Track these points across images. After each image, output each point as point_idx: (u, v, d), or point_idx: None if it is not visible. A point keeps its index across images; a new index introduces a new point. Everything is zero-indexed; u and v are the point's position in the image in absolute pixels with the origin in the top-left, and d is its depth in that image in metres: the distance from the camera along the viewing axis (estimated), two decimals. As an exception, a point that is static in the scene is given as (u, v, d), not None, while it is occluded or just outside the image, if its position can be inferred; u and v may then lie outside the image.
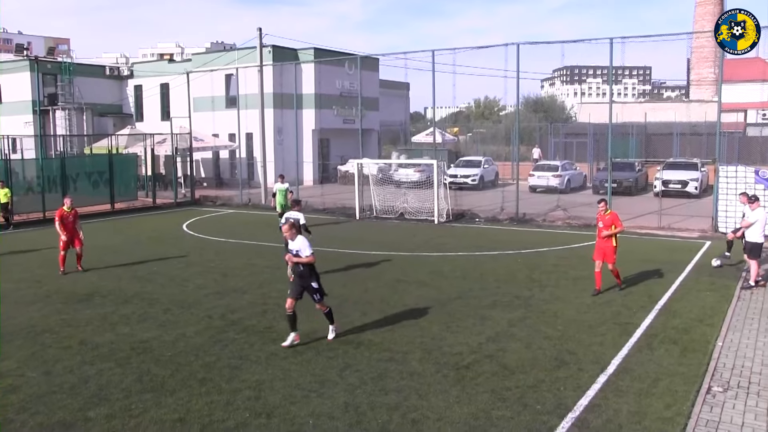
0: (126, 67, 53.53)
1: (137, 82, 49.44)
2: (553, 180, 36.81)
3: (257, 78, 35.16)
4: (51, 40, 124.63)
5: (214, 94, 43.66)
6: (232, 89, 42.24)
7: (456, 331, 12.04)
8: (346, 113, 45.14)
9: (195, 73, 39.95)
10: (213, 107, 43.52)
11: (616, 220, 14.55)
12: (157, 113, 47.43)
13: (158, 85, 47.09)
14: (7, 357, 10.97)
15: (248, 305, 14.10)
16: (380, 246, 21.20)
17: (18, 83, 46.93)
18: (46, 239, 24.07)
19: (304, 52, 43.45)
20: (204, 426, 8.25)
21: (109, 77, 50.24)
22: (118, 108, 49.77)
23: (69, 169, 31.37)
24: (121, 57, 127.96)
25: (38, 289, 15.95)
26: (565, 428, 8.13)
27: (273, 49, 40.83)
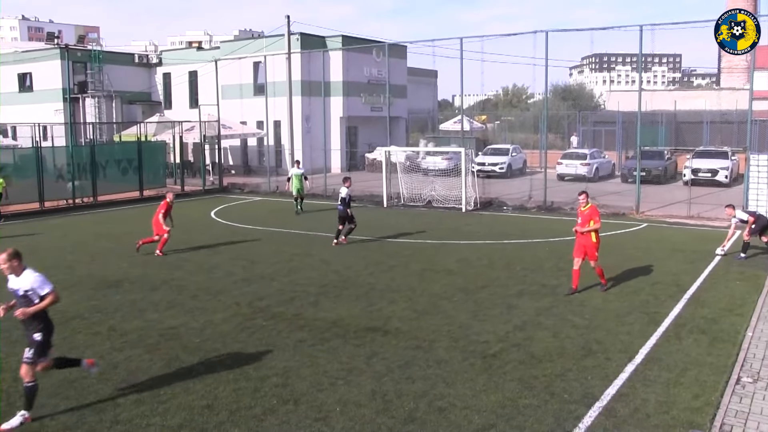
0: (155, 55, 53.90)
1: (166, 69, 49.78)
2: (582, 168, 36.48)
3: (285, 65, 35.26)
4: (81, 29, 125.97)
5: (243, 81, 43.82)
6: (260, 77, 42.39)
7: (483, 320, 12.00)
8: (373, 101, 45.07)
9: (223, 61, 40.11)
10: (241, 95, 43.68)
11: (595, 215, 13.56)
12: (186, 101, 47.75)
13: (187, 72, 47.37)
14: (38, 342, 11.14)
15: (276, 292, 14.18)
16: (407, 234, 21.18)
17: (49, 71, 47.54)
18: (76, 225, 24.43)
19: (332, 39, 43.43)
20: (231, 412, 8.32)
21: (138, 65, 50.62)
22: (147, 96, 50.19)
23: (98, 157, 31.71)
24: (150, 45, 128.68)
25: (69, 275, 16.18)
26: (592, 417, 8.08)
27: (301, 37, 40.87)
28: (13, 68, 50.72)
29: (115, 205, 30.38)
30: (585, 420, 8.02)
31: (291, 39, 35.95)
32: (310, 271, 16.28)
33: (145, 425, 8.00)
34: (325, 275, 15.73)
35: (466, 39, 28.29)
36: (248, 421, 8.06)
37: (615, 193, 29.66)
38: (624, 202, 26.50)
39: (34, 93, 49.05)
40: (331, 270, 16.28)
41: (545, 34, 25.90)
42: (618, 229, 21.83)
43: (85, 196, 30.46)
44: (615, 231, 21.51)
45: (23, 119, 41.40)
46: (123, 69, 48.69)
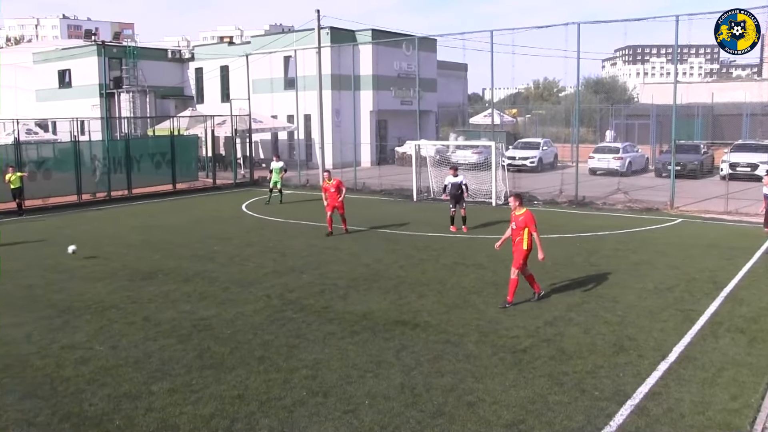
0: (187, 50, 54.38)
1: (198, 64, 50.18)
2: (614, 162, 36.03)
3: (315, 60, 35.29)
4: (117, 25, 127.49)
5: (273, 76, 43.99)
6: (290, 71, 42.51)
7: (513, 315, 11.95)
8: (403, 94, 44.98)
9: (254, 56, 40.30)
10: (272, 89, 43.88)
11: (530, 222, 12.50)
12: (217, 95, 48.08)
13: (218, 67, 47.68)
14: (77, 330, 11.37)
15: (306, 285, 14.25)
16: (437, 228, 21.13)
17: (86, 68, 48.27)
18: (111, 218, 24.78)
19: (361, 33, 43.38)
20: (262, 403, 8.39)
21: (171, 60, 51.10)
22: (180, 90, 50.65)
23: (133, 150, 32.10)
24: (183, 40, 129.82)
25: (105, 266, 16.43)
26: (623, 415, 7.98)
27: (331, 31, 40.90)
28: (53, 65, 51.65)
29: (149, 198, 30.76)
30: (616, 418, 7.91)
31: (321, 33, 35.96)
32: (340, 264, 16.33)
33: (178, 413, 8.11)
34: (355, 268, 15.78)
35: (497, 32, 28.08)
36: (278, 412, 8.13)
37: (648, 188, 29.26)
38: (658, 197, 26.14)
39: (72, 89, 49.84)
40: (361, 263, 16.32)
41: (577, 26, 25.62)
42: (651, 225, 21.56)
43: (120, 189, 30.85)
44: (648, 226, 21.25)
45: (62, 114, 42.08)
46: (156, 64, 49.20)
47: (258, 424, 7.85)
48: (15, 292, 14.02)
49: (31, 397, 8.67)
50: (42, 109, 50.71)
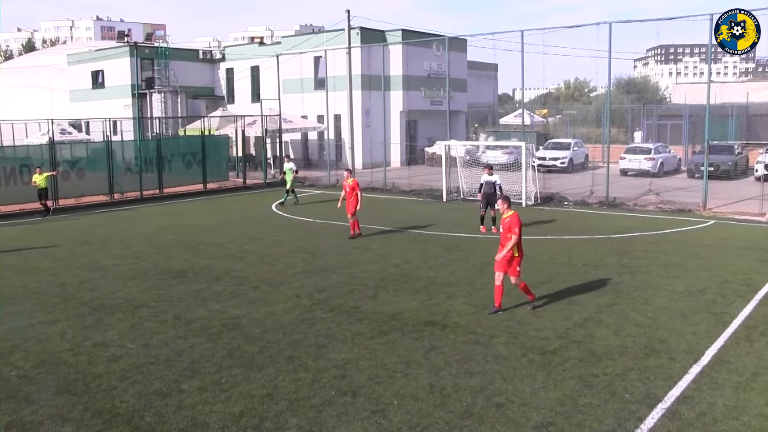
0: (218, 51, 54.86)
1: (229, 65, 50.58)
2: (645, 163, 35.64)
3: (345, 60, 35.42)
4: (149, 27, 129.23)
5: (303, 76, 44.20)
6: (320, 71, 42.67)
7: (542, 316, 11.88)
8: (433, 95, 44.92)
9: (284, 56, 40.52)
10: (302, 89, 44.09)
11: (515, 225, 11.87)
12: (248, 95, 48.43)
13: (249, 67, 48.03)
14: (109, 328, 11.53)
15: (336, 285, 14.30)
16: (467, 228, 21.07)
17: (119, 68, 48.93)
18: (142, 217, 25.08)
19: (391, 33, 43.39)
20: (291, 402, 8.44)
21: (202, 61, 51.60)
22: (211, 90, 51.10)
23: (164, 150, 32.47)
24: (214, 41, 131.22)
25: (136, 265, 16.64)
26: (654, 419, 7.88)
27: (361, 31, 40.98)
28: (87, 66, 52.48)
29: (180, 198, 31.08)
30: (647, 421, 7.82)
31: (351, 33, 36.09)
32: (369, 264, 16.36)
33: (207, 411, 8.19)
34: (384, 269, 15.79)
35: (527, 32, 27.96)
36: (307, 411, 8.17)
37: (681, 189, 28.91)
38: (690, 198, 25.82)
39: (105, 89, 50.56)
40: (391, 263, 16.33)
41: (608, 25, 25.38)
42: (683, 226, 21.29)
43: (152, 188, 31.20)
44: (680, 228, 20.99)
45: (95, 114, 42.72)
46: (188, 65, 49.70)
47: (287, 423, 7.89)
48: (49, 290, 14.27)
49: (65, 393, 8.82)
50: (76, 110, 51.58)
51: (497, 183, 20.76)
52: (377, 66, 39.05)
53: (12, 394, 8.83)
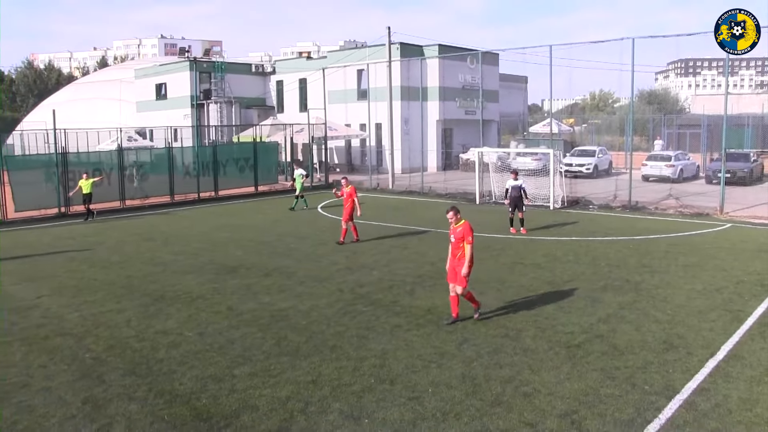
0: (269, 65, 55.36)
1: (279, 77, 51.02)
2: (666, 169, 35.07)
3: (386, 72, 35.45)
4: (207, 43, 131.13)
5: (347, 87, 44.39)
6: (363, 83, 42.81)
7: (568, 312, 11.76)
8: (468, 105, 44.74)
9: (330, 69, 40.74)
10: (346, 100, 44.27)
11: (468, 234, 11.20)
12: (296, 105, 48.78)
13: (297, 80, 48.40)
14: (169, 317, 11.73)
15: (376, 281, 14.33)
16: (498, 229, 20.94)
17: (180, 81, 49.73)
18: (200, 217, 25.44)
19: (429, 48, 43.35)
20: (333, 388, 8.49)
21: (254, 74, 52.13)
22: (262, 101, 51.60)
23: (220, 156, 32.87)
24: (265, 55, 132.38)
25: (194, 261, 16.88)
26: (672, 409, 7.77)
27: (401, 46, 41.00)
28: (152, 80, 53.44)
29: (233, 199, 31.44)
30: (665, 411, 7.71)
31: (391, 48, 36.08)
32: (407, 262, 16.36)
33: (257, 395, 8.28)
34: (421, 266, 15.77)
35: (556, 46, 27.72)
36: (348, 397, 8.21)
37: (699, 194, 28.35)
38: (708, 202, 25.31)
39: (167, 100, 51.41)
40: (427, 261, 16.30)
41: (632, 40, 25.00)
42: (701, 229, 20.87)
43: (208, 191, 31.60)
44: (698, 231, 20.58)
45: (158, 123, 43.53)
46: (242, 77, 50.27)
47: (329, 407, 7.94)
48: (117, 282, 14.57)
49: (130, 375, 9.01)
50: (141, 119, 52.55)
51: (523, 186, 20.60)
52: (415, 78, 39.01)
53: (87, 374, 9.08)
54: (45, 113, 49.97)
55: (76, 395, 8.39)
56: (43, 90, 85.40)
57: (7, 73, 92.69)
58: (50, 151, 28.76)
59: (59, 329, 11.18)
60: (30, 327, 11.33)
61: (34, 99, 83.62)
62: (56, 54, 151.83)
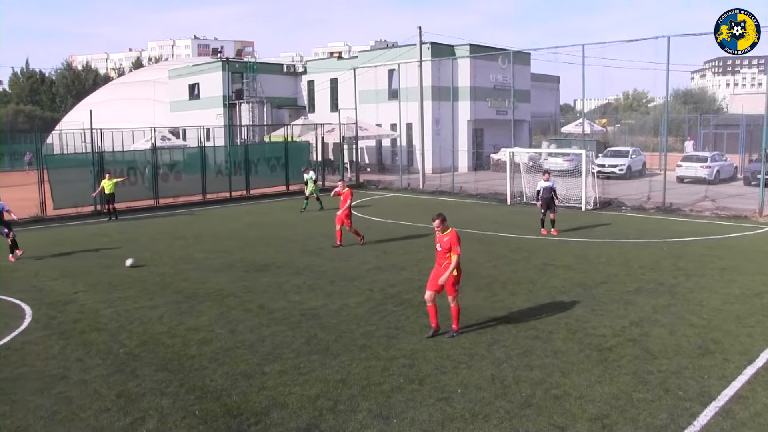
0: (300, 65, 55.68)
1: (310, 77, 51.27)
2: (702, 170, 34.40)
3: (417, 72, 35.40)
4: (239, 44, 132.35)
5: (378, 87, 44.44)
6: (393, 83, 42.84)
7: (600, 314, 11.61)
8: (499, 105, 44.47)
9: (361, 69, 40.81)
10: (377, 100, 44.32)
11: (455, 243, 10.25)
12: (327, 105, 48.96)
13: (328, 80, 48.58)
14: (201, 315, 11.86)
15: (405, 281, 14.31)
16: (529, 230, 20.79)
17: (212, 81, 50.27)
18: (232, 215, 25.67)
19: (460, 48, 43.23)
20: (363, 387, 8.49)
21: (286, 74, 52.45)
22: (293, 101, 51.90)
23: (251, 155, 33.14)
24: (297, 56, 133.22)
25: (225, 259, 17.04)
26: (708, 417, 7.58)
27: (431, 46, 40.92)
28: (185, 80, 54.11)
29: (265, 198, 31.66)
30: (700, 418, 7.54)
31: (422, 48, 36.02)
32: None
33: (287, 393, 8.33)
34: (450, 266, 15.68)
35: (588, 45, 27.44)
36: (377, 397, 8.21)
37: (737, 196, 27.77)
38: (746, 204, 24.79)
39: (200, 100, 52.00)
40: (456, 262, 16.20)
41: (667, 39, 24.59)
42: (739, 232, 20.45)
43: (240, 190, 31.87)
44: (736, 233, 20.17)
45: (191, 123, 44.02)
46: (273, 78, 50.63)
47: (359, 406, 7.95)
48: (150, 279, 14.77)
49: (163, 370, 9.13)
50: (174, 119, 53.23)
51: (553, 187, 20.38)
52: (446, 78, 38.90)
53: (120, 369, 9.23)
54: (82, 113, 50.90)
55: (111, 389, 8.53)
56: (81, 90, 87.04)
57: (47, 75, 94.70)
58: (87, 150, 29.27)
59: (95, 324, 11.38)
60: (67, 321, 11.57)
61: (73, 99, 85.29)
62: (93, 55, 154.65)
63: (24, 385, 8.75)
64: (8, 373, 9.18)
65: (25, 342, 10.51)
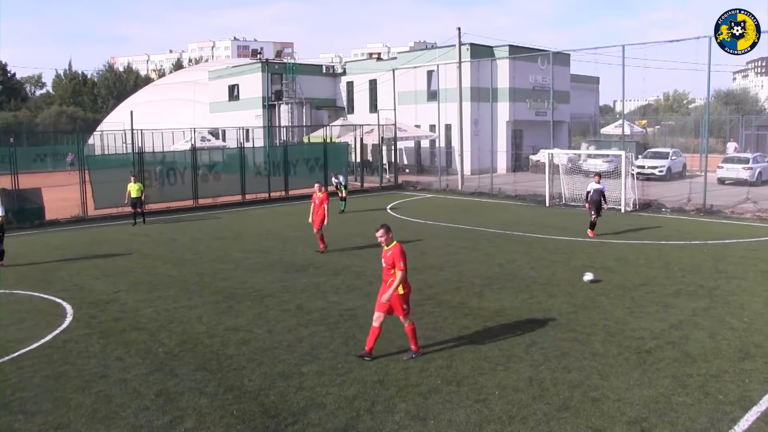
0: (340, 66, 55.98)
1: (349, 78, 51.49)
2: (743, 172, 33.68)
3: (456, 73, 35.31)
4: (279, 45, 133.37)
5: (417, 88, 44.42)
6: (432, 84, 42.75)
7: (639, 317, 11.46)
8: (538, 106, 44.11)
9: (400, 70, 40.87)
10: (415, 100, 44.30)
11: (398, 259, 9.65)
12: (366, 106, 49.12)
13: (367, 81, 48.74)
14: (240, 315, 12.02)
15: (444, 282, 14.31)
16: (568, 232, 20.59)
17: (252, 82, 50.81)
18: (271, 216, 25.93)
19: (499, 48, 43.00)
20: (400, 389, 8.52)
21: (325, 75, 52.78)
22: (332, 102, 52.19)
23: (290, 156, 33.41)
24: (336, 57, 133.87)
25: (264, 259, 17.23)
26: (749, 421, 7.46)
27: (470, 47, 40.78)
28: (225, 81, 54.81)
29: (303, 199, 31.84)
30: (741, 423, 7.43)
31: (461, 49, 35.91)
32: (476, 263, 16.26)
33: (324, 393, 8.40)
34: (490, 268, 15.66)
35: (628, 46, 27.17)
36: (414, 398, 8.24)
37: (782, 198, 27.14)
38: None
39: (240, 101, 52.61)
40: (495, 263, 16.17)
41: (708, 39, 24.10)
42: (787, 234, 19.97)
43: (279, 190, 32.16)
44: (784, 235, 19.70)
45: (231, 124, 44.61)
46: (312, 79, 50.98)
47: (396, 407, 7.99)
48: (189, 279, 15.02)
49: (201, 370, 9.28)
50: (214, 119, 53.97)
51: (604, 190, 20.09)
52: (485, 79, 38.72)
53: (159, 368, 9.40)
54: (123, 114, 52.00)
55: (150, 388, 8.71)
56: (122, 92, 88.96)
57: (89, 77, 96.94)
58: (127, 151, 29.83)
59: (135, 323, 11.62)
60: (108, 320, 11.84)
61: (114, 100, 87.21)
62: (134, 57, 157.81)
63: (65, 383, 8.96)
64: (50, 371, 9.41)
65: (67, 340, 10.76)
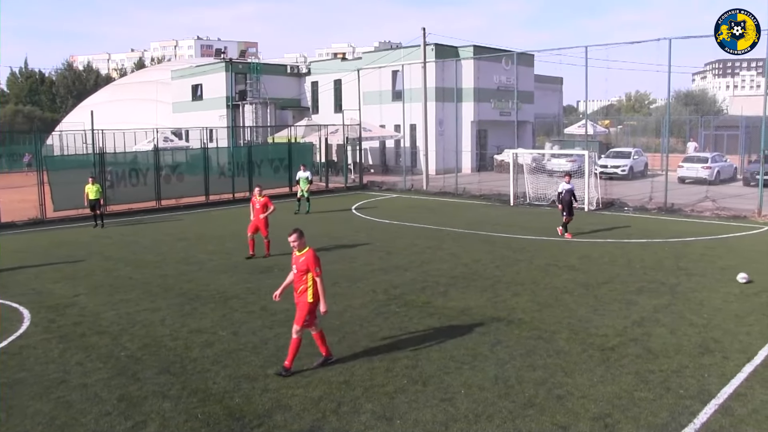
0: (304, 66, 55.78)
1: (314, 78, 51.34)
2: (703, 171, 34.53)
3: (421, 74, 35.44)
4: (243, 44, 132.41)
5: (382, 88, 44.50)
6: (397, 84, 42.93)
7: (602, 314, 11.63)
8: (502, 106, 44.53)
9: (365, 70, 40.88)
10: (380, 101, 44.37)
11: (312, 264, 9.20)
12: (331, 106, 49.05)
13: (332, 81, 48.64)
14: (204, 317, 11.89)
15: (409, 282, 14.34)
16: (533, 231, 20.81)
17: (216, 82, 50.40)
18: (234, 217, 25.71)
19: (464, 49, 43.27)
20: (366, 389, 8.52)
21: (289, 75, 52.56)
22: (297, 102, 51.98)
23: (255, 156, 33.18)
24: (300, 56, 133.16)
25: (228, 260, 17.08)
26: (708, 414, 7.65)
27: (435, 47, 40.96)
28: (188, 81, 54.24)
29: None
30: (700, 416, 7.61)
31: (426, 49, 36.05)
32: (441, 263, 16.34)
33: (290, 395, 8.35)
34: (455, 267, 15.75)
35: (591, 47, 27.51)
36: (380, 398, 8.24)
37: (736, 196, 27.78)
38: (745, 204, 24.82)
39: (203, 101, 52.12)
40: (461, 263, 16.27)
41: (669, 41, 24.67)
42: (738, 232, 20.47)
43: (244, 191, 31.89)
44: (735, 233, 20.18)
45: (194, 124, 44.13)
46: (277, 78, 50.72)
47: (362, 407, 7.98)
48: (152, 281, 14.82)
49: (165, 373, 9.16)
50: (177, 120, 53.35)
51: (573, 189, 20.20)
52: (450, 79, 38.92)
53: (122, 372, 9.25)
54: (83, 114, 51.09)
55: (112, 392, 8.56)
56: (82, 91, 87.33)
57: (47, 75, 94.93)
58: (88, 152, 29.33)
59: (95, 327, 11.41)
60: (67, 325, 11.59)
61: (73, 100, 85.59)
62: (95, 55, 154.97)
63: (22, 390, 8.74)
64: (5, 378, 9.15)
65: (24, 346, 10.49)
